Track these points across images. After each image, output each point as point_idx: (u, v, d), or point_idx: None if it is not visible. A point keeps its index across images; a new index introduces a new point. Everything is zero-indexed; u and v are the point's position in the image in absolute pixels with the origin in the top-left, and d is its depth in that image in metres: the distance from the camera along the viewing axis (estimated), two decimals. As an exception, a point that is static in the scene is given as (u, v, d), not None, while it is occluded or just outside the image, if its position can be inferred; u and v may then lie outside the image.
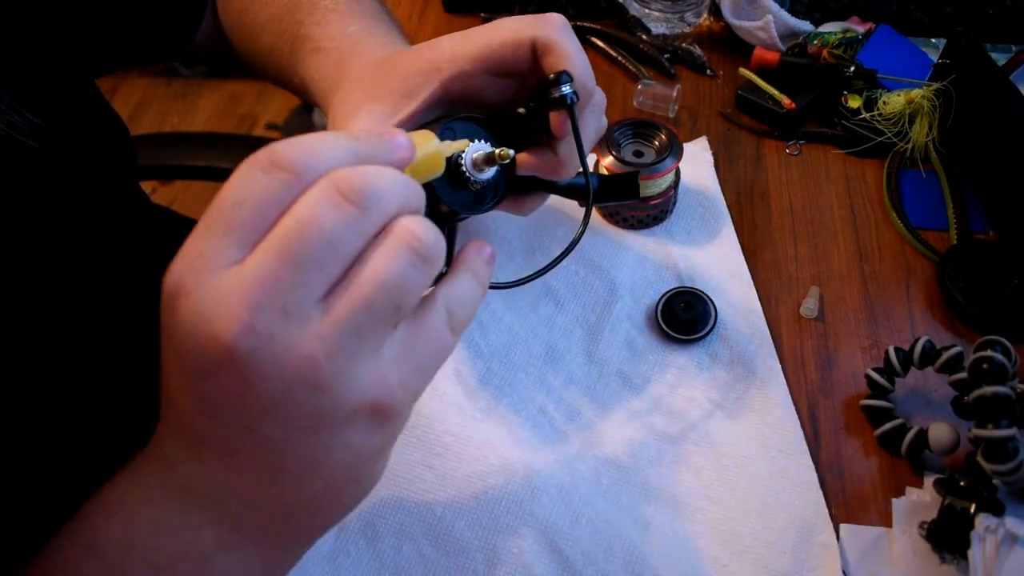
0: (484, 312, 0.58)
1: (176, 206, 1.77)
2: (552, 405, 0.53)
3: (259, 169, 0.27)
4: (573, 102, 0.41)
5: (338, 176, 0.27)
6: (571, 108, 0.41)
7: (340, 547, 0.48)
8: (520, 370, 0.55)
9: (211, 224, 0.27)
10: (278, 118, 2.01)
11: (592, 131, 0.46)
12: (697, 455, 0.51)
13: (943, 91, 0.63)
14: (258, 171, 0.27)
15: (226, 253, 0.26)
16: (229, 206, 0.27)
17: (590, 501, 0.49)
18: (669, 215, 0.63)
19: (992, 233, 0.62)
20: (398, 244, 0.28)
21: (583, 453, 0.51)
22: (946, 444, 0.48)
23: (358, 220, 0.27)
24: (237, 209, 0.27)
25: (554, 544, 0.47)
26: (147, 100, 2.04)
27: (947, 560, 0.46)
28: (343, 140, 0.29)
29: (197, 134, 0.86)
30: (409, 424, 0.52)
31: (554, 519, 0.48)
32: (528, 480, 0.49)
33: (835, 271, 0.61)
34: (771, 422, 0.52)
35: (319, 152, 0.28)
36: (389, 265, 0.28)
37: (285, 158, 0.27)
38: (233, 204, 0.27)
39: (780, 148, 0.69)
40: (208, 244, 0.27)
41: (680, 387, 0.54)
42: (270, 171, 0.27)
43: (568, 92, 0.41)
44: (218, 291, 0.26)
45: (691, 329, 0.56)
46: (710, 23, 0.81)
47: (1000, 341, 0.47)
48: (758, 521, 0.48)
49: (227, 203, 0.27)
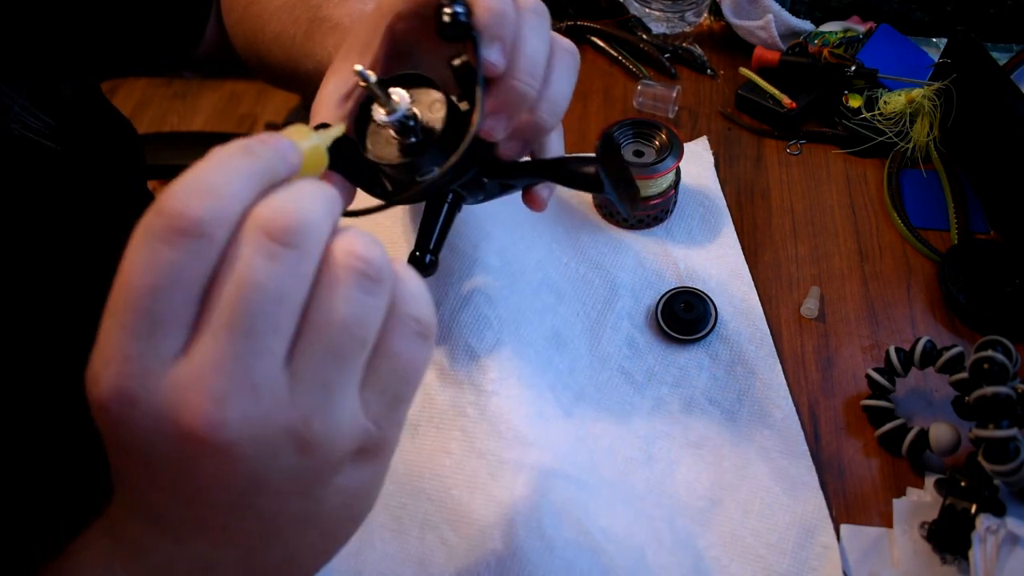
0: (492, 286, 0.56)
1: (176, 206, 1.78)
2: (560, 387, 0.53)
3: (160, 242, 0.23)
4: (462, 21, 0.36)
5: (262, 220, 0.24)
6: (464, 28, 0.37)
7: (365, 540, 0.48)
8: (530, 346, 0.54)
9: (129, 322, 0.23)
10: (277, 118, 2.01)
11: (535, 51, 0.39)
12: (697, 456, 0.51)
13: (944, 91, 0.63)
14: (160, 245, 0.23)
15: (161, 349, 0.23)
16: (143, 296, 0.23)
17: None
18: (669, 215, 0.63)
19: (993, 233, 0.62)
20: (346, 274, 0.25)
21: (587, 436, 0.51)
22: (947, 444, 0.48)
23: (298, 263, 0.24)
24: (155, 298, 0.23)
25: (574, 518, 0.47)
26: (147, 100, 2.04)
27: (948, 561, 0.46)
28: (236, 163, 0.25)
29: (197, 134, 0.86)
30: (425, 415, 0.52)
31: (571, 493, 0.48)
32: (541, 456, 0.49)
33: (836, 271, 0.61)
34: (772, 423, 0.52)
35: (220, 193, 0.24)
36: (343, 302, 0.25)
37: (186, 220, 0.23)
38: (147, 293, 0.23)
39: (781, 148, 0.69)
40: (135, 346, 0.23)
41: (681, 387, 0.54)
42: (175, 241, 0.23)
43: (458, 11, 0.36)
44: (174, 390, 0.23)
45: (691, 329, 0.56)
46: (710, 22, 0.81)
47: (1001, 341, 0.47)
48: (759, 522, 0.48)
49: (138, 292, 0.23)
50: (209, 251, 0.23)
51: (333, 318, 0.25)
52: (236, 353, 0.23)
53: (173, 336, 0.24)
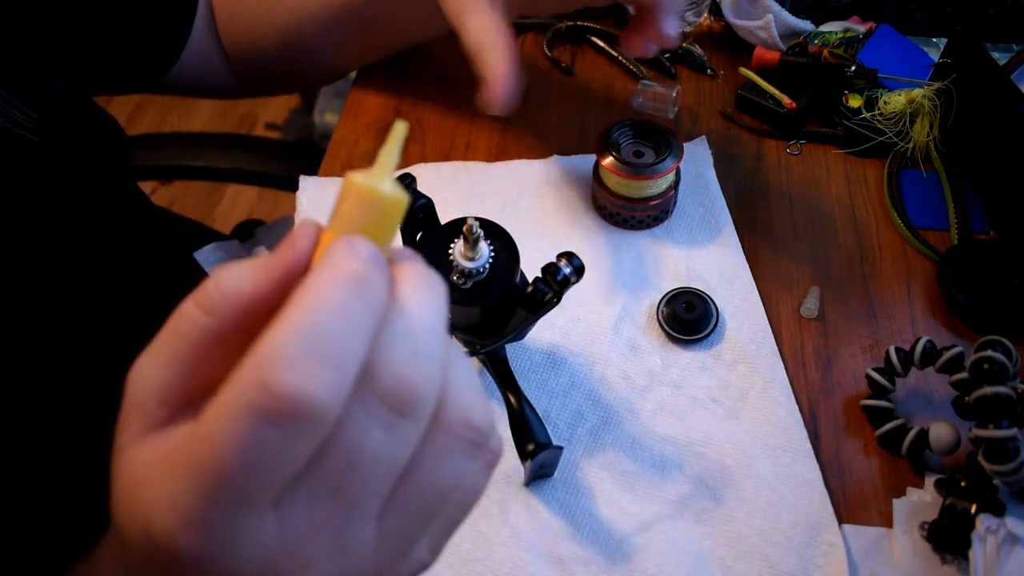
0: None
1: (176, 207, 1.78)
2: (555, 412, 0.53)
3: (267, 425, 0.20)
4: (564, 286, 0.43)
5: (384, 391, 0.22)
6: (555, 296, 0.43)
7: None
8: (522, 378, 0.54)
9: (218, 495, 0.20)
10: (277, 118, 2.01)
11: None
12: (700, 455, 0.51)
13: (944, 91, 0.63)
14: (266, 428, 0.20)
15: (252, 519, 0.21)
16: (238, 473, 0.20)
17: (590, 510, 0.49)
18: (669, 215, 0.63)
19: (993, 233, 0.62)
20: (456, 444, 0.24)
21: (584, 461, 0.51)
22: (947, 444, 0.48)
23: (414, 430, 0.23)
24: (252, 478, 0.20)
25: (553, 554, 0.47)
26: (147, 100, 2.04)
27: (948, 560, 0.46)
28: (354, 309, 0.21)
29: (196, 134, 0.86)
30: None
31: (556, 528, 0.48)
32: (528, 494, 0.49)
33: (835, 271, 0.61)
34: (775, 421, 0.52)
35: (341, 363, 0.20)
36: (450, 469, 0.24)
37: (302, 408, 0.20)
38: (244, 472, 0.20)
39: (780, 148, 0.69)
40: (222, 517, 0.21)
41: (683, 388, 0.54)
42: (286, 428, 0.20)
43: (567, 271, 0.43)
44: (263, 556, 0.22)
45: (693, 329, 0.56)
46: (710, 22, 0.81)
47: (1001, 341, 0.47)
48: (763, 521, 0.48)
49: (233, 469, 0.20)
50: (323, 432, 0.21)
51: (436, 483, 0.24)
52: (335, 522, 0.22)
53: (266, 506, 0.22)
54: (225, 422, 0.20)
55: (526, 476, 0.48)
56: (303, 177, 0.65)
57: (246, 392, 0.20)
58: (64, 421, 0.49)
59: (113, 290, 0.54)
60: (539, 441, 0.44)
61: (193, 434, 0.21)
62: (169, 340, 0.23)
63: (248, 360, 0.20)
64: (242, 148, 0.85)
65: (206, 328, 0.22)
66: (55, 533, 0.46)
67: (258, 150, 0.85)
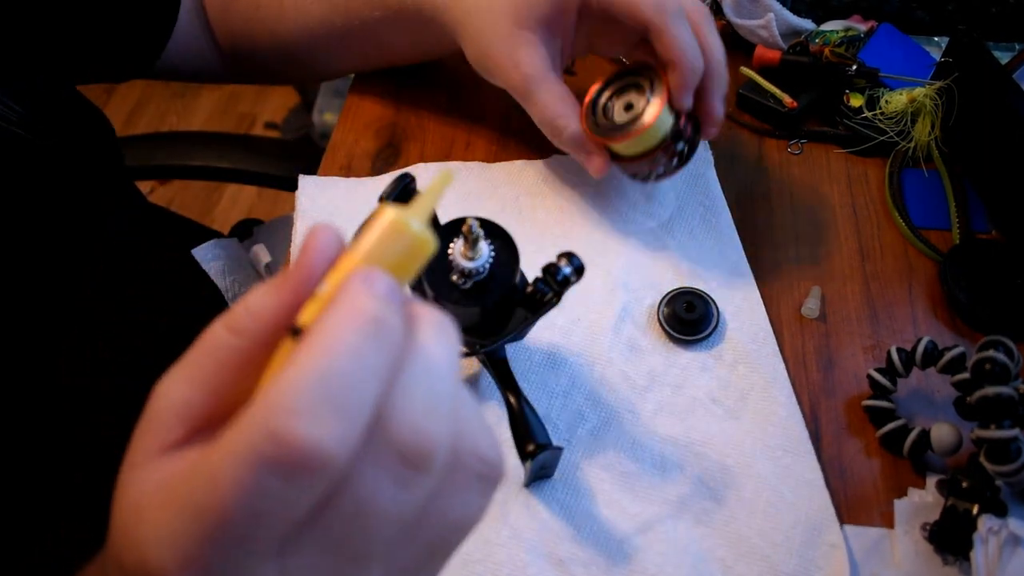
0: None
1: (174, 206, 1.78)
2: (555, 412, 0.53)
3: (275, 475, 0.19)
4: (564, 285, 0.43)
5: (398, 443, 0.21)
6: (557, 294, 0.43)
7: None
8: (522, 379, 0.54)
9: (218, 538, 0.20)
10: (276, 117, 2.01)
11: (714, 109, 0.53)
12: (701, 456, 0.51)
13: (945, 90, 0.63)
14: (273, 478, 0.19)
15: (251, 564, 0.21)
16: (241, 519, 0.20)
17: (591, 511, 0.49)
18: (694, 151, 0.57)
19: (995, 232, 0.62)
20: (467, 480, 0.23)
21: (584, 462, 0.51)
22: (949, 445, 0.48)
23: (427, 482, 0.22)
24: (255, 524, 0.20)
25: (554, 555, 0.47)
26: (145, 99, 2.03)
27: (950, 562, 0.46)
28: (368, 354, 0.20)
29: (195, 133, 0.86)
30: None
31: (556, 529, 0.48)
32: (528, 494, 0.49)
33: (837, 271, 0.60)
34: (776, 421, 0.52)
35: (352, 413, 0.20)
36: (460, 506, 0.23)
37: (311, 460, 0.19)
38: (247, 518, 0.20)
39: (781, 147, 0.69)
40: (220, 561, 0.20)
41: (683, 388, 0.54)
42: (294, 478, 0.19)
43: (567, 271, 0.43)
44: None
45: (693, 329, 0.55)
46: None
47: (1003, 341, 0.47)
48: (764, 521, 0.48)
49: (235, 516, 0.20)
50: (329, 482, 0.20)
51: (445, 523, 0.23)
52: (339, 574, 0.22)
53: (268, 554, 0.21)
54: (231, 467, 0.20)
55: (526, 477, 0.48)
56: (302, 176, 0.65)
57: (254, 437, 0.20)
58: (64, 421, 0.49)
59: (113, 290, 0.54)
60: (539, 442, 0.44)
61: (200, 470, 0.21)
62: (196, 359, 0.23)
63: (259, 401, 0.20)
64: (241, 147, 0.85)
65: (233, 348, 0.22)
66: (55, 533, 0.46)
67: (257, 150, 0.85)
